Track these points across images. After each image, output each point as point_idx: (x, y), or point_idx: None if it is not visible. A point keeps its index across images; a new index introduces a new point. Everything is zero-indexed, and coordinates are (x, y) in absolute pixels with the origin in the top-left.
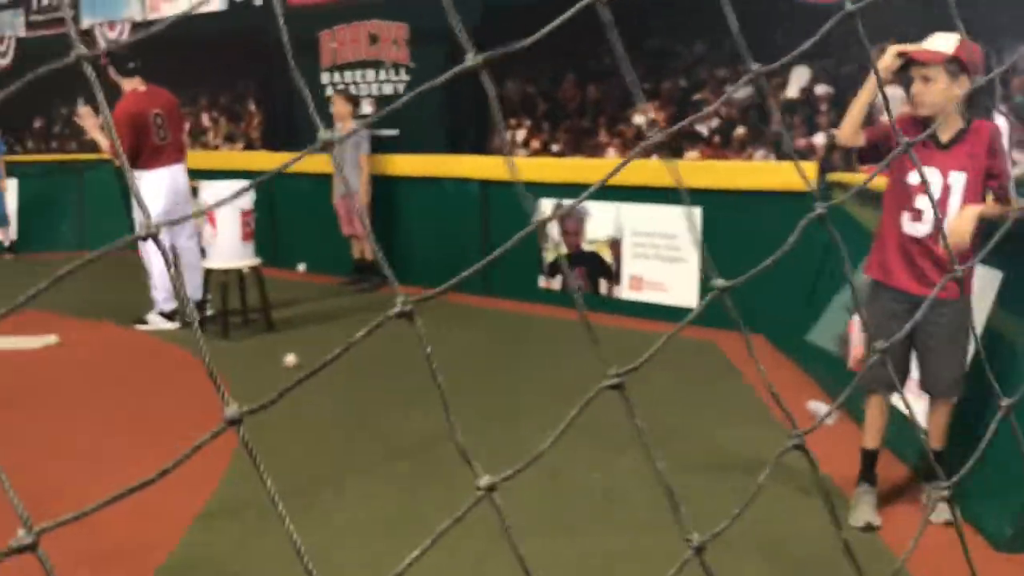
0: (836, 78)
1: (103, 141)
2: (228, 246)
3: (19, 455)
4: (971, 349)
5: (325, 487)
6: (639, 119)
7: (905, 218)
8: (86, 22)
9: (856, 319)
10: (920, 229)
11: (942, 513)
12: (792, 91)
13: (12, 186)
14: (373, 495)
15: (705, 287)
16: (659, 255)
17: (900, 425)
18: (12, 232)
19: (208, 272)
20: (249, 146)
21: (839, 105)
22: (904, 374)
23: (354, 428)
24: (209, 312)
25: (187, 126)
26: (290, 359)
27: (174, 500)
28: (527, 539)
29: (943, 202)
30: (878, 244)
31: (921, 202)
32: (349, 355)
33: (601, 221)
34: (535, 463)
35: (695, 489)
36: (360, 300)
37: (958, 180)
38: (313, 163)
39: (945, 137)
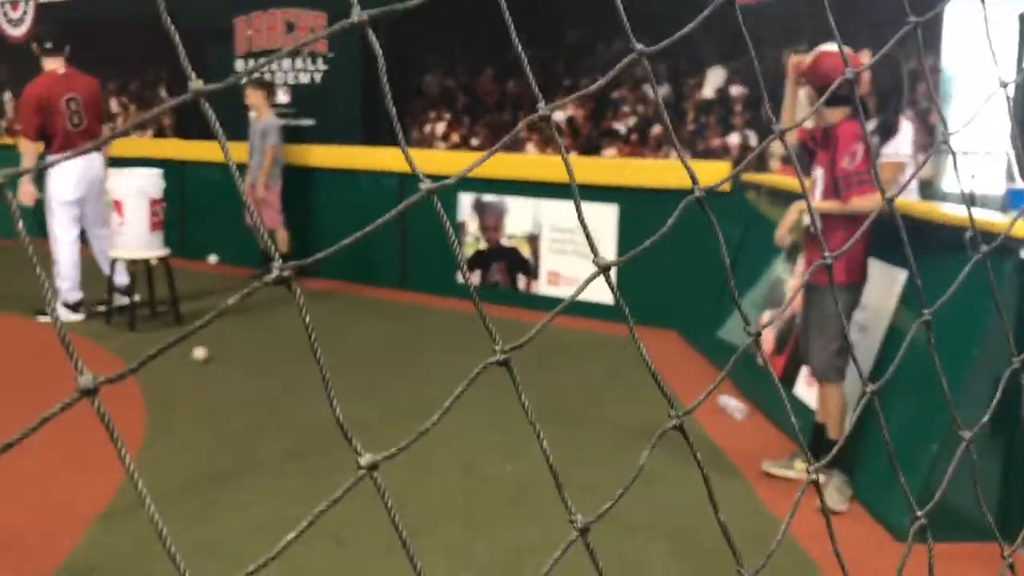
0: (751, 78)
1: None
2: (136, 235)
3: None
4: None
5: (234, 479)
6: (559, 115)
7: None
8: None
9: (766, 315)
10: (806, 219)
11: (837, 502)
12: (708, 91)
13: None
14: (282, 487)
15: (621, 284)
16: (577, 251)
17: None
18: None
19: (113, 261)
20: (160, 133)
21: (753, 106)
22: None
23: (263, 418)
24: (136, 298)
25: None
26: (199, 352)
27: (78, 492)
28: (439, 532)
29: (812, 196)
30: None
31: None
32: (257, 344)
33: (520, 216)
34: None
35: (601, 476)
36: (271, 292)
37: (820, 176)
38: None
39: (821, 138)
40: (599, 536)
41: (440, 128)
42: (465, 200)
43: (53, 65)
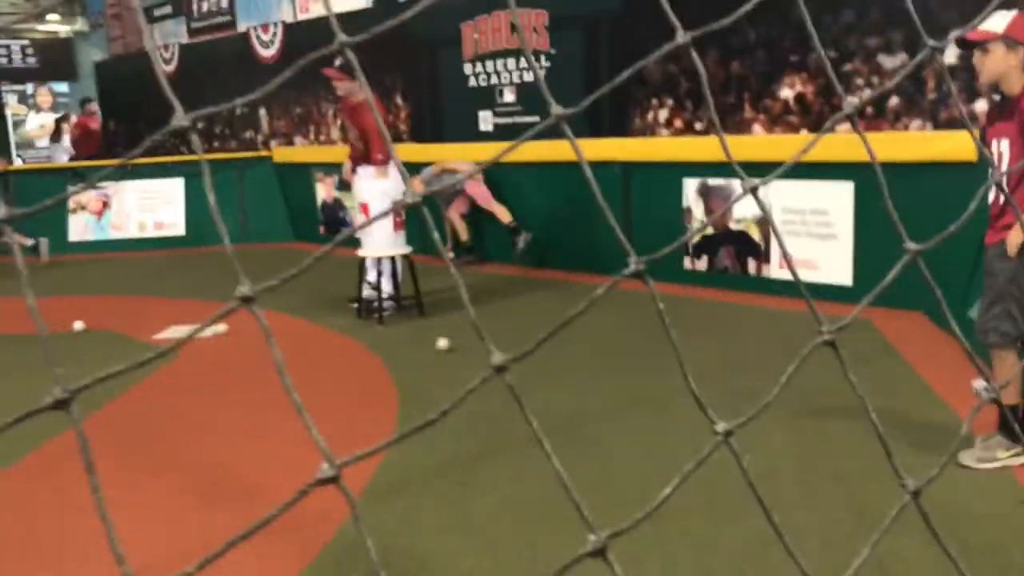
0: None
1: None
2: (382, 235)
3: (198, 435)
4: None
5: (480, 463)
6: (787, 92)
7: None
8: (242, 26)
9: None
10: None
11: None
12: (949, 56)
13: (179, 184)
14: (528, 471)
15: (861, 264)
16: (810, 232)
17: None
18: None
19: (363, 260)
20: (397, 138)
21: None
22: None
23: (507, 403)
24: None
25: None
26: (442, 342)
27: (344, 472)
28: (682, 517)
29: (997, 168)
30: None
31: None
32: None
33: (749, 199)
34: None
35: (851, 466)
36: (497, 282)
37: (1004, 147)
38: (426, 154)
39: (1005, 106)
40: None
41: (663, 114)
42: (690, 184)
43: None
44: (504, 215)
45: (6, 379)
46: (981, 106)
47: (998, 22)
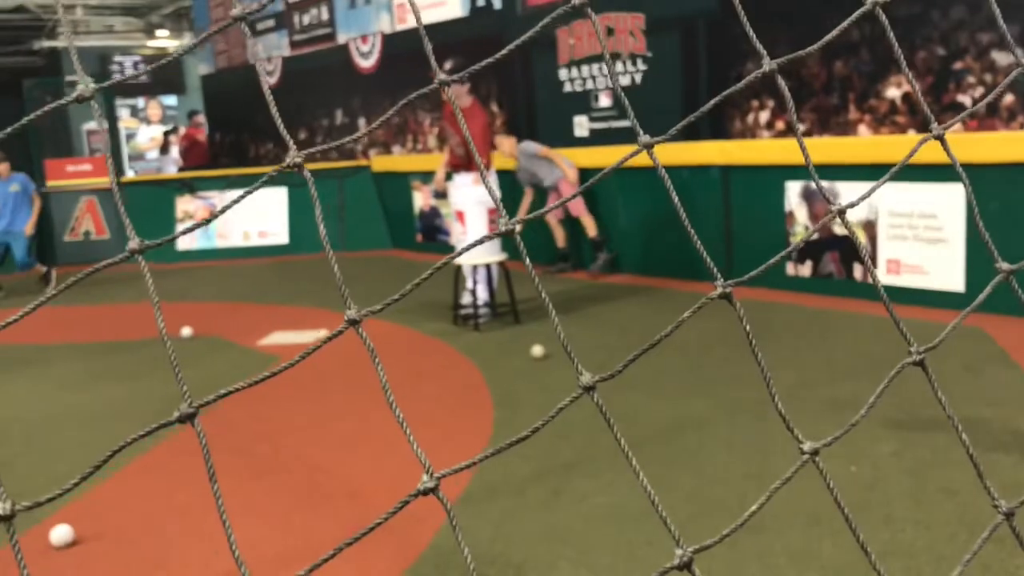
0: None
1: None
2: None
3: (300, 439)
4: None
5: (575, 472)
6: (893, 91)
7: None
8: (342, 38)
9: None
10: None
11: None
12: None
13: (282, 193)
14: (623, 480)
15: (973, 269)
16: (918, 236)
17: None
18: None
19: (459, 268)
20: (492, 145)
21: None
22: None
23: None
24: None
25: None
26: (537, 349)
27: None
28: (784, 530)
29: None
30: None
31: None
32: (590, 340)
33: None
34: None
35: (962, 479)
36: (593, 291)
37: None
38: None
39: None
40: (966, 546)
41: (764, 116)
42: (792, 188)
43: (471, 97)
44: (591, 228)
45: (119, 384)
46: None
47: None
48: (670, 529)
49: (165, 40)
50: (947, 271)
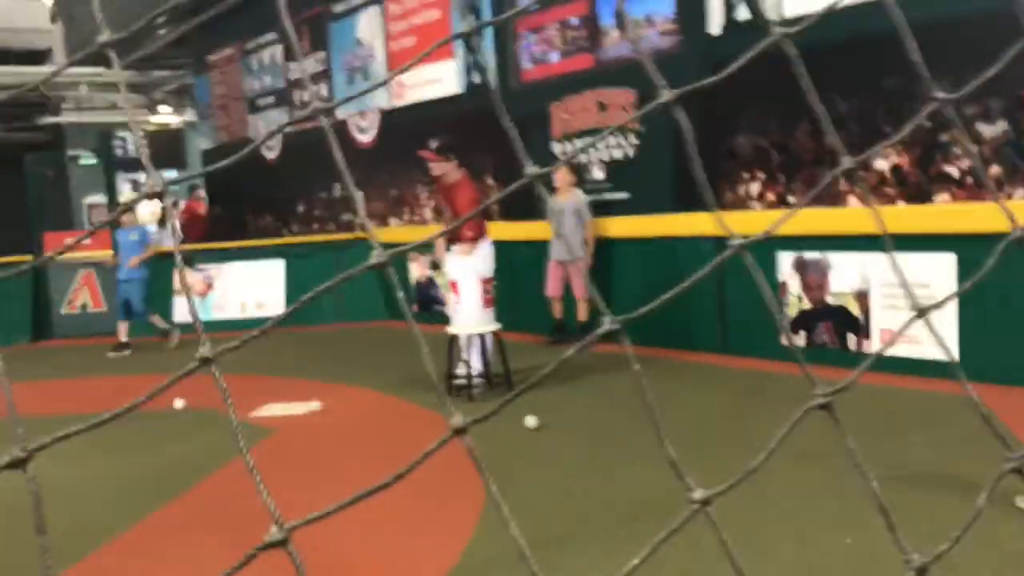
0: None
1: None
2: (471, 313)
3: (289, 512)
4: None
5: (570, 545)
6: (882, 163)
7: None
8: (341, 114)
9: None
10: None
11: None
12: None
13: (280, 266)
14: (616, 553)
15: (966, 338)
16: (911, 306)
17: None
18: (159, 320)
19: (453, 338)
20: (488, 217)
21: None
22: None
23: (596, 483)
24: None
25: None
26: (531, 420)
27: (428, 553)
28: None
29: None
30: None
31: None
32: (586, 410)
33: (846, 273)
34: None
35: (958, 550)
36: (591, 360)
37: None
38: (508, 230)
39: None
40: None
41: (755, 188)
42: (785, 259)
43: (460, 172)
44: (582, 314)
45: (109, 456)
46: None
47: None
48: None
49: (167, 116)
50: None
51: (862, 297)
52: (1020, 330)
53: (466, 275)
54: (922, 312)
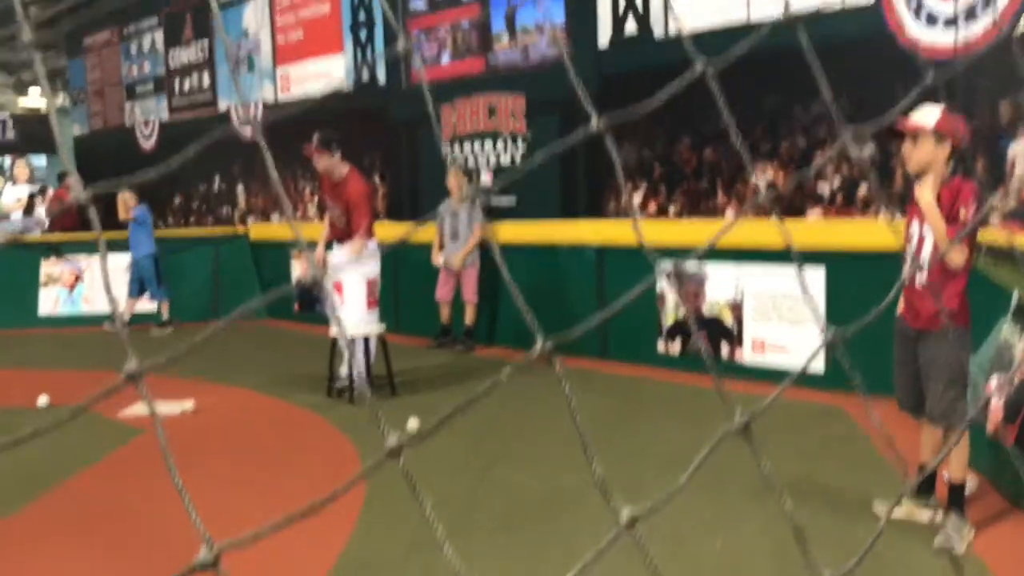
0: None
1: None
2: (355, 314)
3: (160, 514)
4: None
5: (451, 545)
6: (758, 179)
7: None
8: (223, 104)
9: (994, 381)
10: (907, 271)
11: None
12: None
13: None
14: (497, 555)
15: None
16: (782, 317)
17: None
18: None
19: (335, 339)
20: (375, 217)
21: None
22: (914, 398)
23: (477, 485)
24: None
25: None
26: (412, 423)
27: (302, 559)
28: None
29: (918, 250)
30: None
31: (909, 248)
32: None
33: (721, 284)
34: (657, 532)
35: (823, 554)
36: (478, 362)
37: (927, 231)
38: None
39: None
40: None
41: (637, 198)
42: (662, 270)
43: (347, 165)
44: (469, 317)
45: None
46: None
47: (928, 116)
48: None
49: (37, 100)
50: (808, 351)
51: (736, 308)
52: (878, 343)
53: (351, 276)
54: (833, 340)
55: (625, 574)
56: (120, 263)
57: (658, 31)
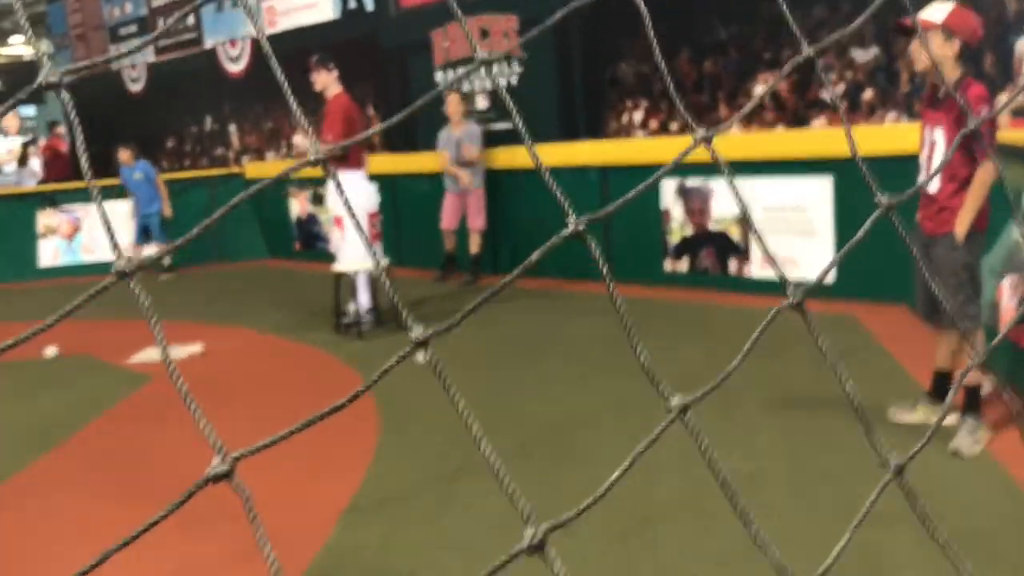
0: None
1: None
2: (357, 248)
3: (176, 460)
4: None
5: (466, 476)
6: (760, 89)
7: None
8: (209, 42)
9: (1006, 283)
10: (922, 178)
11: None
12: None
13: None
14: (516, 479)
15: (844, 261)
16: (790, 229)
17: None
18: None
19: (339, 275)
20: (369, 148)
21: (974, 59)
22: (928, 304)
23: (491, 415)
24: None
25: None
26: (420, 357)
27: (324, 492)
28: (670, 521)
29: (930, 157)
30: None
31: (923, 154)
32: (481, 344)
33: (728, 198)
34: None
35: (841, 462)
36: (474, 294)
37: (939, 136)
38: (399, 163)
39: (941, 95)
40: (840, 527)
41: (638, 116)
42: (668, 186)
43: (339, 87)
44: (475, 246)
45: None
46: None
47: (937, 12)
48: (519, 509)
49: (20, 47)
50: (818, 262)
51: (742, 223)
52: (891, 249)
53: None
54: (889, 205)
55: (625, 574)
56: (119, 210)
57: None
